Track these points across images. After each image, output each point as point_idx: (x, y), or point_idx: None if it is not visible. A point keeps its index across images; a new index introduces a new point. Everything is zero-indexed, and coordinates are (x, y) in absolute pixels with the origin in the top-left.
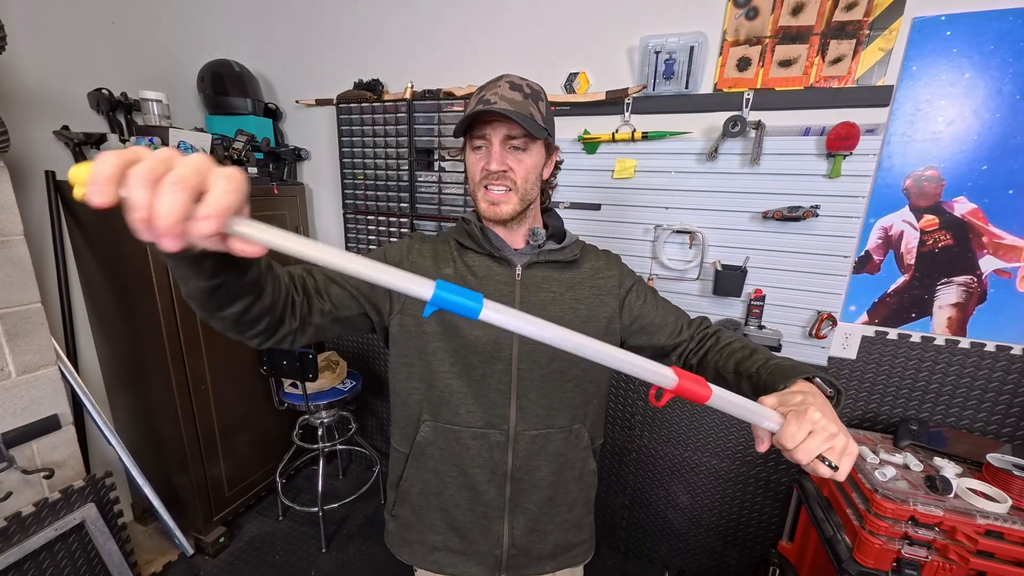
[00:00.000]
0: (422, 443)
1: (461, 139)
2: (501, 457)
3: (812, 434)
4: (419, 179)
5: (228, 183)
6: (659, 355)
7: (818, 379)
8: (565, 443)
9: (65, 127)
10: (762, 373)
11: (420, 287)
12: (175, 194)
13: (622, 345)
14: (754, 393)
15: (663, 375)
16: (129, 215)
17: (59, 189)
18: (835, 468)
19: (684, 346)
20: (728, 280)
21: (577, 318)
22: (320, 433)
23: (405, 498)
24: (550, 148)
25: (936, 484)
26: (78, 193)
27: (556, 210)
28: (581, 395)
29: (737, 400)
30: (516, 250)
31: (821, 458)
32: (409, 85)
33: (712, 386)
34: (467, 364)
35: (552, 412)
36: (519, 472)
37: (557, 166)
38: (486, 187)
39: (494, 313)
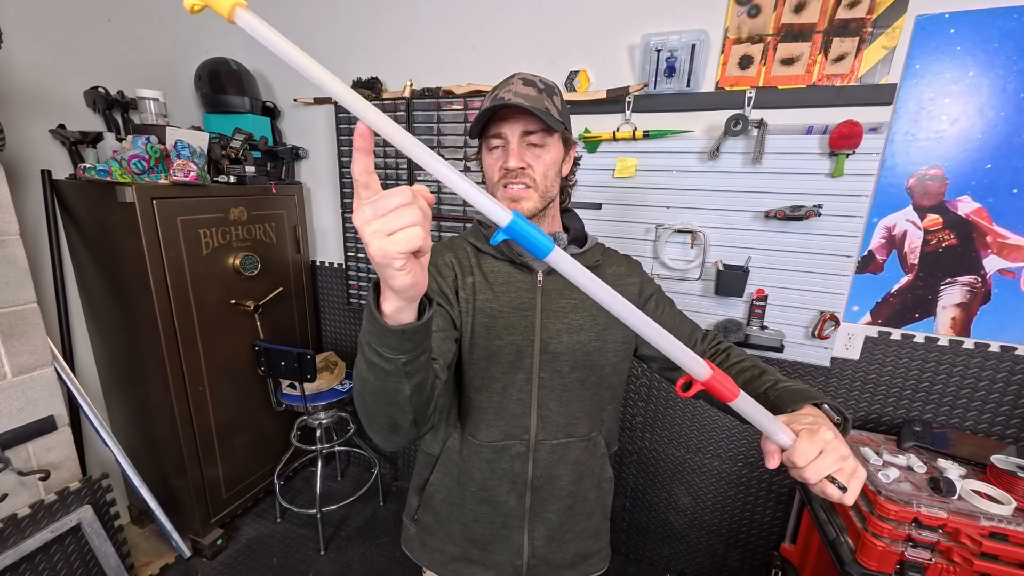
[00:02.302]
0: (450, 448)
1: (476, 141)
2: (521, 467)
3: (823, 453)
4: (418, 178)
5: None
6: (668, 366)
7: (826, 405)
8: (585, 451)
9: (61, 125)
10: (770, 394)
11: (498, 211)
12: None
13: (634, 353)
14: None
15: (698, 365)
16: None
17: (55, 188)
18: (844, 489)
19: None
20: (730, 280)
21: (597, 325)
22: (318, 434)
23: (429, 503)
24: (568, 143)
25: (940, 486)
26: None
27: (575, 211)
28: (598, 402)
29: (758, 408)
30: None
31: (831, 479)
32: (408, 83)
33: (741, 393)
34: (488, 376)
35: (572, 421)
36: (540, 481)
37: (576, 162)
38: (505, 186)
39: (560, 259)
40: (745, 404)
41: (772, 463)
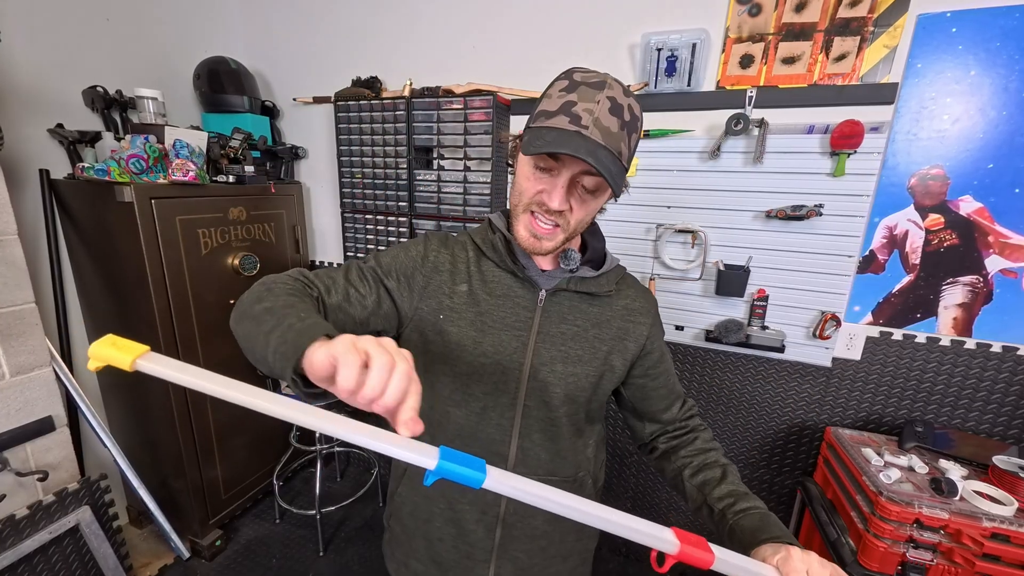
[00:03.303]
0: None
1: (507, 133)
2: (494, 498)
3: (811, 572)
4: (418, 178)
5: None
6: (635, 416)
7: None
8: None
9: (59, 125)
10: (728, 517)
11: (422, 458)
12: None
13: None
14: (714, 524)
15: (664, 539)
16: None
17: (53, 188)
18: None
19: (663, 428)
20: (731, 280)
21: (597, 359)
22: (317, 435)
23: (397, 514)
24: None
25: (941, 486)
26: None
27: (599, 224)
28: (590, 436)
29: (740, 562)
30: (543, 271)
31: None
32: (408, 82)
33: (714, 548)
34: (468, 393)
35: (557, 458)
36: (512, 517)
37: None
38: (533, 214)
39: (497, 482)
40: (724, 565)
41: None
